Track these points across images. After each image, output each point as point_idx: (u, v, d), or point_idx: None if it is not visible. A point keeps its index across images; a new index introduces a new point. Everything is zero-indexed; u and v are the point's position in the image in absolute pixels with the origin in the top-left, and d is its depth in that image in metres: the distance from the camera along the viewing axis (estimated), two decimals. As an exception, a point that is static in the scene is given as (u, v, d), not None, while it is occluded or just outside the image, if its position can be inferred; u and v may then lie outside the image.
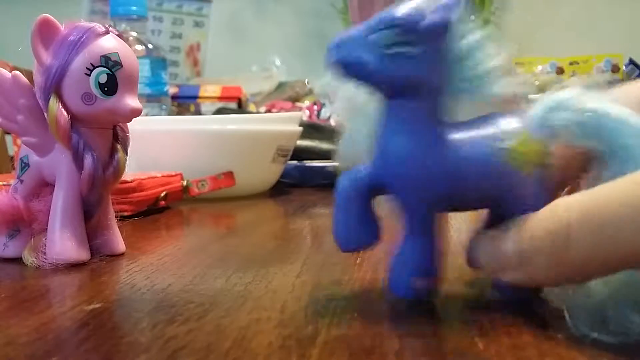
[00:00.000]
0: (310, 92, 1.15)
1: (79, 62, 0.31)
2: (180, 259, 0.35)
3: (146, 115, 0.80)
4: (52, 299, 0.27)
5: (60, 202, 0.33)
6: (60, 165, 0.33)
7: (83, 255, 0.33)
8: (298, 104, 1.09)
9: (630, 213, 0.19)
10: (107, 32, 0.32)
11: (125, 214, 0.50)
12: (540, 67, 1.16)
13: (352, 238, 0.25)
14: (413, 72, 0.23)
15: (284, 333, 0.22)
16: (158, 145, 0.63)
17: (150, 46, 0.82)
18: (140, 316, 0.24)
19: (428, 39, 0.23)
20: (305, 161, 0.75)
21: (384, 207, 0.26)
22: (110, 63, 0.31)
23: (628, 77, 1.05)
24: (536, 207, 0.23)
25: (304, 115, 0.97)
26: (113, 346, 0.21)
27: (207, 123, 0.66)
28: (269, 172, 0.68)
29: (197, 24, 1.24)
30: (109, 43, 0.32)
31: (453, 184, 0.24)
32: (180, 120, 0.70)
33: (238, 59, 1.32)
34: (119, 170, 0.34)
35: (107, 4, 0.91)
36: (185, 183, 0.59)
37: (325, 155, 0.74)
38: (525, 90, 0.25)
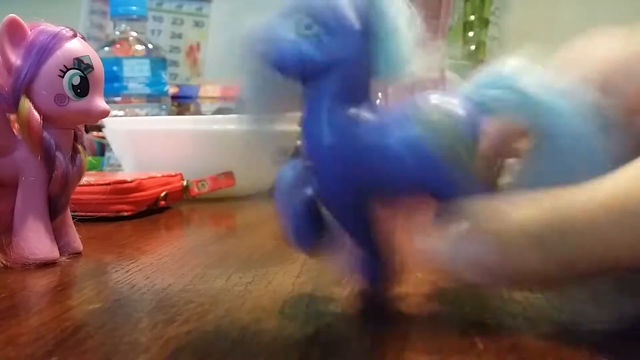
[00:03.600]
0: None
1: (51, 64, 0.31)
2: (180, 259, 0.35)
3: (146, 115, 0.80)
4: (51, 299, 0.27)
5: (30, 202, 0.33)
6: (26, 165, 0.33)
7: (56, 253, 0.33)
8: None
9: (595, 222, 0.19)
10: (75, 36, 0.33)
11: (125, 214, 0.50)
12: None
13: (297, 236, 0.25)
14: (318, 52, 0.22)
15: (284, 333, 0.21)
16: (158, 145, 0.63)
17: (150, 46, 0.82)
18: (140, 316, 0.24)
19: (344, 23, 0.22)
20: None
21: None
22: (82, 65, 0.32)
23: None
24: (466, 184, 0.22)
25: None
26: (113, 346, 0.21)
27: (207, 123, 0.66)
28: (269, 172, 0.68)
29: (197, 24, 1.24)
30: (80, 46, 0.33)
31: (365, 164, 0.22)
32: (180, 120, 0.70)
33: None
34: (82, 170, 0.35)
35: (107, 3, 0.91)
36: (185, 183, 0.59)
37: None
38: (448, 69, 0.25)
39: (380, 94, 0.24)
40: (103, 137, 0.72)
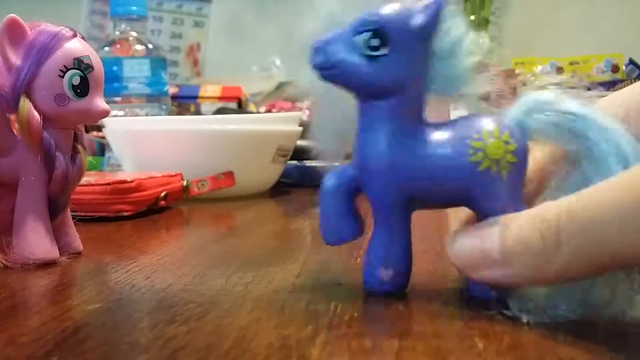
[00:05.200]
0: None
1: (51, 64, 0.31)
2: (180, 259, 0.35)
3: (146, 115, 0.80)
4: (51, 299, 0.27)
5: (30, 202, 0.33)
6: (26, 165, 0.33)
7: (56, 253, 0.33)
8: (298, 104, 1.09)
9: (615, 217, 0.19)
10: (75, 36, 0.33)
11: (125, 214, 0.50)
12: (540, 67, 1.16)
13: (333, 232, 0.27)
14: (389, 73, 0.24)
15: (284, 333, 0.22)
16: (158, 145, 0.63)
17: (150, 46, 0.82)
18: (140, 316, 0.24)
19: (408, 41, 0.24)
20: (305, 161, 0.75)
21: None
22: (82, 65, 0.32)
23: (628, 77, 1.05)
24: (511, 207, 0.23)
25: (304, 115, 0.97)
26: (113, 346, 0.21)
27: (207, 123, 0.66)
28: (269, 172, 0.68)
29: (197, 24, 1.24)
30: (80, 46, 0.33)
31: (417, 179, 0.25)
32: (180, 120, 0.70)
33: (238, 59, 1.32)
34: (82, 170, 0.35)
35: (107, 4, 0.91)
36: (185, 183, 0.59)
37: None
38: (500, 88, 0.26)
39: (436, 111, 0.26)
40: (103, 137, 0.72)
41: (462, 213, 0.27)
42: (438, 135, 0.25)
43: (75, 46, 0.32)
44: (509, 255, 0.22)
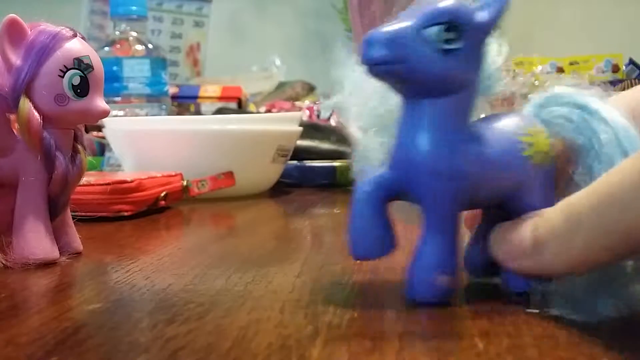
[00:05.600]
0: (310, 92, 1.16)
1: (51, 64, 0.31)
2: (180, 259, 0.35)
3: (146, 115, 0.80)
4: (51, 299, 0.27)
5: (30, 202, 0.33)
6: (26, 165, 0.33)
7: (56, 253, 0.33)
8: (298, 104, 1.09)
9: (631, 197, 0.20)
10: (75, 36, 0.33)
11: (125, 214, 0.50)
12: (540, 67, 1.16)
13: (365, 247, 0.25)
14: (461, 68, 0.23)
15: (284, 333, 0.22)
16: (158, 145, 0.63)
17: (150, 46, 0.82)
18: (140, 316, 0.24)
19: (477, 35, 0.23)
20: (305, 161, 0.75)
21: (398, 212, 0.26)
22: (82, 65, 0.32)
23: (628, 77, 1.05)
24: (550, 201, 0.24)
25: (304, 115, 0.97)
26: (113, 346, 0.21)
27: (207, 123, 0.66)
28: (269, 172, 0.68)
29: (197, 24, 1.24)
30: (80, 46, 0.33)
31: (475, 180, 0.24)
32: (180, 120, 0.70)
33: (238, 59, 1.32)
34: (82, 170, 0.35)
35: (107, 4, 0.91)
36: (185, 183, 0.59)
37: (325, 155, 0.74)
38: (522, 89, 0.27)
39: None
40: (103, 137, 0.72)
41: None
42: (487, 135, 0.24)
43: (76, 46, 0.32)
44: (540, 244, 0.23)
